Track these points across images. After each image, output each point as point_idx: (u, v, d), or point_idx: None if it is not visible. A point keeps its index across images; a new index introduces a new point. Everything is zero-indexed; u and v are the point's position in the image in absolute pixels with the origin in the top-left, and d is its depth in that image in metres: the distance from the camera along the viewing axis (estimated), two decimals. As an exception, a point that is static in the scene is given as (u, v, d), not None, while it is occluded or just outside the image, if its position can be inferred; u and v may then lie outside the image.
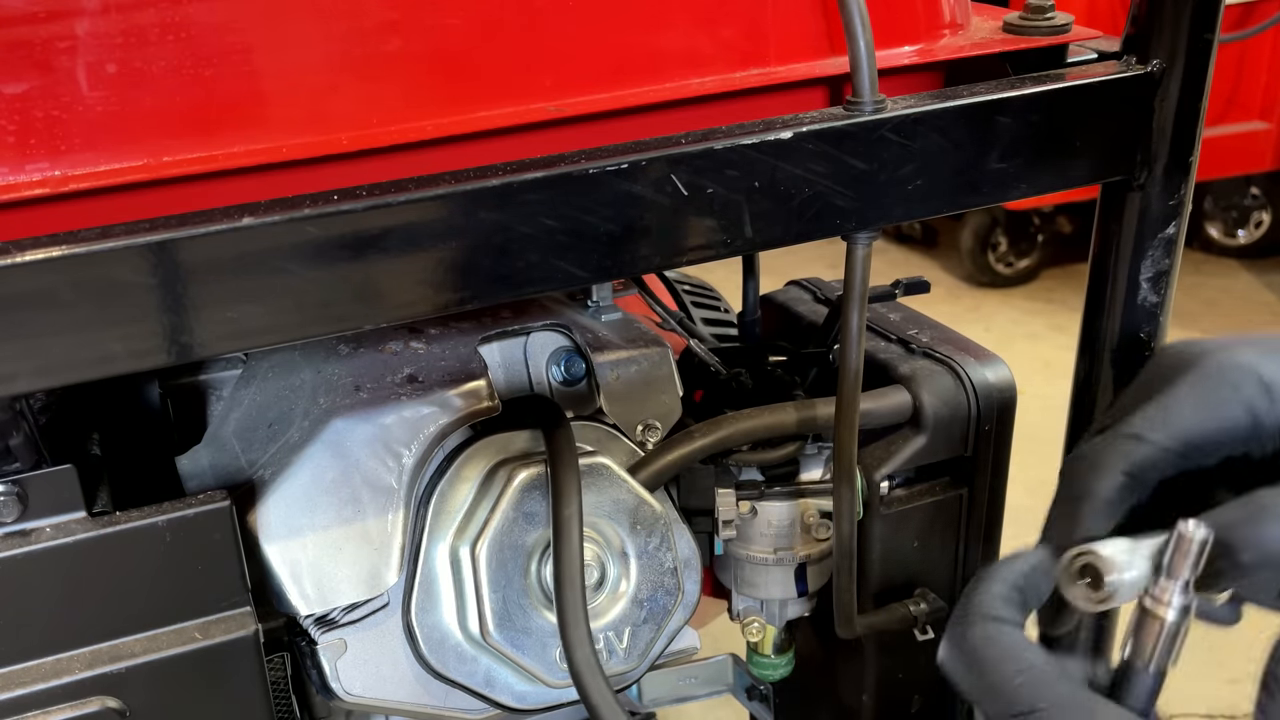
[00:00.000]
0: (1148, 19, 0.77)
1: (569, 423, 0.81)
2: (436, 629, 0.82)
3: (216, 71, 0.62)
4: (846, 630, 0.93)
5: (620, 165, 0.65)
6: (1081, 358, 0.90)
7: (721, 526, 0.93)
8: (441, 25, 0.66)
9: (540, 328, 0.86)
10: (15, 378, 0.57)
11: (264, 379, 0.81)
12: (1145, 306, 0.83)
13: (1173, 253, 0.82)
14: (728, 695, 1.09)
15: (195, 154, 0.62)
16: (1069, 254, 3.86)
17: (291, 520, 0.76)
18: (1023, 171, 0.76)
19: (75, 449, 0.70)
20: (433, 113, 0.66)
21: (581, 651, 0.77)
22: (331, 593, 0.77)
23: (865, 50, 0.70)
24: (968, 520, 0.97)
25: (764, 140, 0.68)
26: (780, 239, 0.71)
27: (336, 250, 0.61)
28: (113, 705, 0.68)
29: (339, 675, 0.80)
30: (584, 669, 0.77)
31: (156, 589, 0.69)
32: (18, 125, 0.59)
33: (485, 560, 0.80)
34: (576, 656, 0.77)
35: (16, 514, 0.66)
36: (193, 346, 0.60)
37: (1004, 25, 0.82)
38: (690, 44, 0.72)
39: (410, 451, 0.78)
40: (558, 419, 0.81)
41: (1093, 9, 3.12)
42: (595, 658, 0.77)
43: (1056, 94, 0.75)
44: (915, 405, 0.91)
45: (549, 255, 0.65)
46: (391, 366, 0.81)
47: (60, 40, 0.59)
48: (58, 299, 0.56)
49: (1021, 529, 2.01)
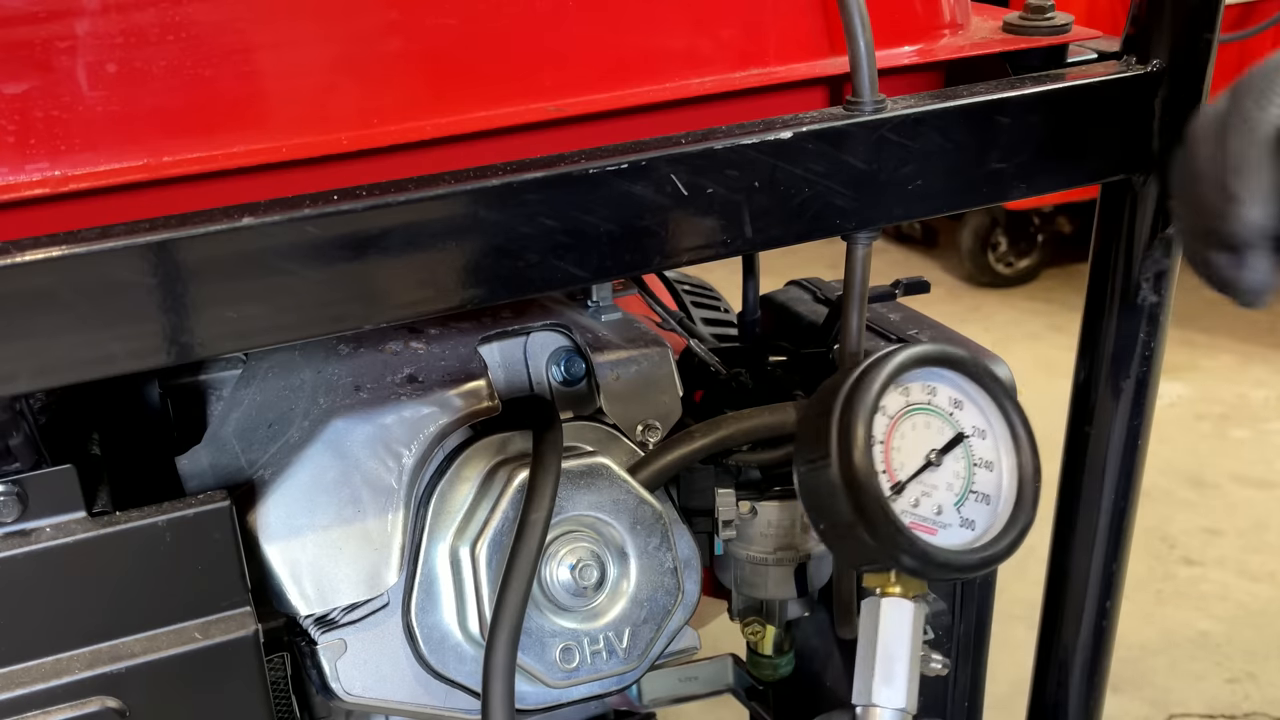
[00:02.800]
0: (1148, 19, 0.77)
1: (560, 425, 0.81)
2: (436, 629, 0.82)
3: (216, 71, 0.62)
4: (846, 630, 0.93)
5: (620, 165, 0.65)
6: (1081, 358, 0.90)
7: (721, 526, 0.93)
8: (441, 25, 0.66)
9: (540, 328, 0.86)
10: (15, 378, 0.57)
11: (264, 379, 0.81)
12: (1145, 306, 0.83)
13: (1172, 253, 0.82)
14: (728, 695, 1.09)
15: (195, 154, 0.62)
16: (1069, 254, 3.87)
17: (291, 520, 0.76)
18: (1022, 171, 0.76)
19: (75, 449, 0.70)
20: (433, 113, 0.66)
21: (501, 655, 0.74)
22: (331, 593, 0.77)
23: (865, 50, 0.70)
24: (968, 520, 0.97)
25: (764, 140, 0.68)
26: (780, 239, 0.71)
27: (336, 250, 0.61)
28: (112, 705, 0.68)
29: (339, 675, 0.80)
30: (496, 672, 0.74)
31: (156, 589, 0.69)
32: (18, 125, 0.59)
33: (485, 560, 0.80)
34: (494, 659, 0.74)
35: (16, 514, 0.66)
36: (193, 346, 0.60)
37: (1004, 25, 0.82)
38: (690, 44, 0.72)
39: (410, 451, 0.78)
40: (550, 421, 0.81)
41: (1093, 9, 3.12)
42: (511, 666, 0.74)
43: (1056, 94, 0.75)
44: (915, 405, 0.91)
45: (549, 255, 0.65)
46: (391, 366, 0.81)
47: (60, 40, 0.59)
48: (58, 299, 0.56)
49: (1021, 529, 1.94)
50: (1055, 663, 0.98)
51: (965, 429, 0.71)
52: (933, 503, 0.70)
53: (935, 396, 0.71)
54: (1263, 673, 2.31)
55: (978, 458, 0.71)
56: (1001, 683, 1.16)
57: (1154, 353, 0.85)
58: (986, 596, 1.01)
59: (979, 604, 1.01)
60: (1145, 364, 0.85)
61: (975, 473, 0.71)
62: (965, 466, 0.70)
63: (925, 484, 0.70)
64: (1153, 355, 0.85)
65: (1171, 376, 3.25)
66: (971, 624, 1.02)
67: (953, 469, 0.70)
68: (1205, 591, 2.53)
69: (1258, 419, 3.20)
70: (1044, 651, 0.99)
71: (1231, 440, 3.11)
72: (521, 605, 0.75)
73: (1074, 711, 0.98)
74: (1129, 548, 0.94)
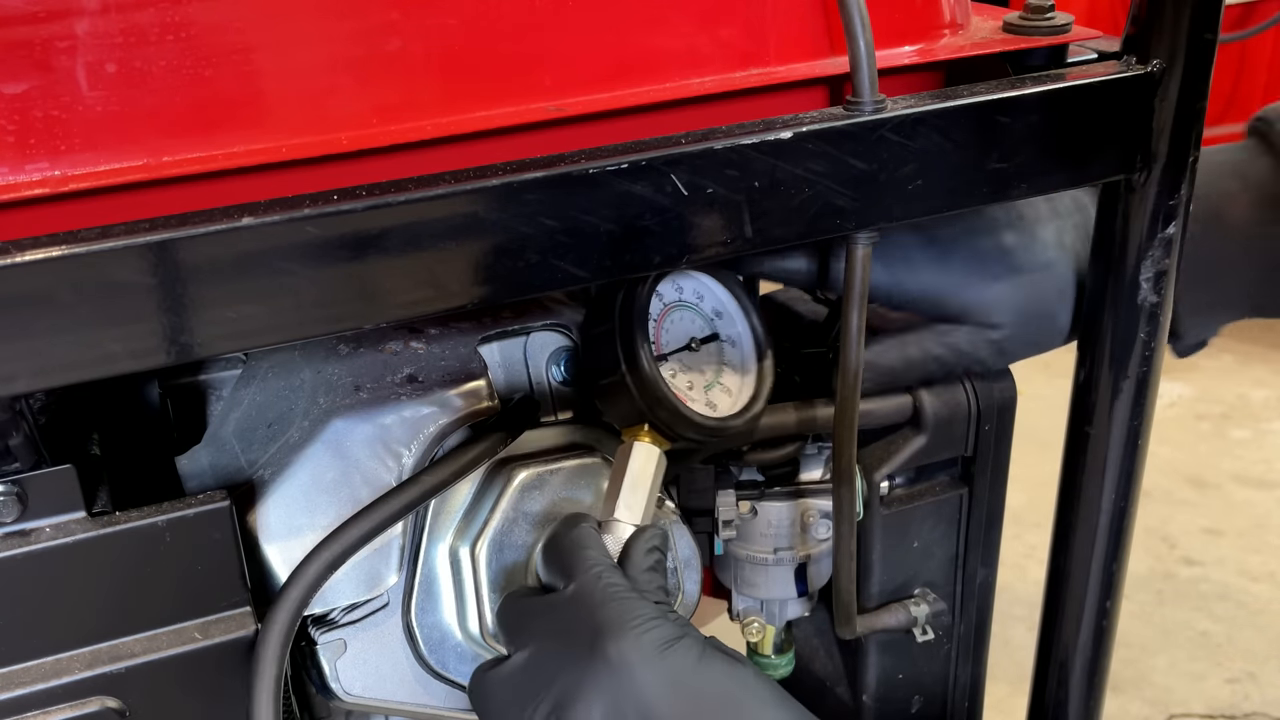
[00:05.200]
0: (1148, 19, 0.77)
1: (515, 432, 0.80)
2: (436, 629, 0.82)
3: (216, 71, 0.62)
4: (846, 630, 0.93)
5: (620, 165, 0.65)
6: (1081, 358, 0.90)
7: (721, 526, 0.93)
8: (441, 25, 0.66)
9: (540, 328, 0.86)
10: (15, 378, 0.57)
11: (264, 379, 0.81)
12: (1145, 306, 0.83)
13: (1172, 253, 0.82)
14: (728, 695, 1.09)
15: (195, 154, 0.62)
16: (1069, 254, 3.86)
17: (291, 520, 0.76)
18: (1022, 171, 0.76)
19: (75, 449, 0.70)
20: (433, 113, 0.66)
21: (270, 647, 0.71)
22: (331, 593, 0.77)
23: (865, 50, 0.70)
24: (968, 520, 0.97)
25: (764, 140, 0.68)
26: (780, 239, 0.71)
27: (336, 250, 0.61)
28: (112, 705, 0.68)
29: (339, 675, 0.80)
30: (263, 659, 0.70)
31: (156, 589, 0.69)
32: (18, 125, 0.59)
33: (485, 560, 0.80)
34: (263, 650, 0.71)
35: (16, 514, 0.66)
36: (193, 346, 0.60)
37: (1004, 25, 0.82)
38: (690, 44, 0.72)
39: (410, 451, 0.78)
40: (517, 420, 0.81)
41: (1093, 9, 3.13)
42: (283, 654, 0.71)
43: (1056, 94, 0.75)
44: (915, 405, 0.92)
45: (549, 255, 0.65)
46: (391, 366, 0.81)
47: (60, 40, 0.59)
48: (58, 299, 0.56)
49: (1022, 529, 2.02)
50: (1055, 663, 0.98)
51: (721, 334, 0.85)
52: (686, 379, 0.83)
53: (702, 302, 0.85)
54: (1263, 673, 2.31)
55: (728, 358, 0.86)
56: (1001, 683, 1.16)
57: (1154, 353, 0.85)
58: (986, 596, 1.02)
59: (979, 604, 1.01)
60: (1145, 364, 0.85)
61: (723, 370, 0.85)
62: (717, 362, 0.85)
63: (683, 363, 0.84)
64: (1153, 355, 0.85)
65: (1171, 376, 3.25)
66: (971, 624, 1.02)
67: (706, 360, 0.85)
68: (1205, 591, 2.53)
69: (1258, 419, 3.20)
70: (1044, 651, 0.99)
71: (1231, 440, 3.11)
72: (303, 598, 0.72)
73: (1074, 711, 0.98)
74: (1129, 548, 0.94)
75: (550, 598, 0.72)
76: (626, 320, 0.79)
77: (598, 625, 0.67)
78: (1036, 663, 1.01)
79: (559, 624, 0.70)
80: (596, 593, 0.69)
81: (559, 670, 0.68)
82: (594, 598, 0.69)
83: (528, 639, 0.71)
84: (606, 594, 0.69)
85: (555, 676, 0.67)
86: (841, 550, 0.88)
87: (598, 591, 0.69)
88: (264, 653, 0.70)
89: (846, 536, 0.87)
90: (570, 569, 0.72)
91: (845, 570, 0.89)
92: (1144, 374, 0.86)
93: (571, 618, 0.69)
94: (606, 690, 0.65)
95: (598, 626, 0.67)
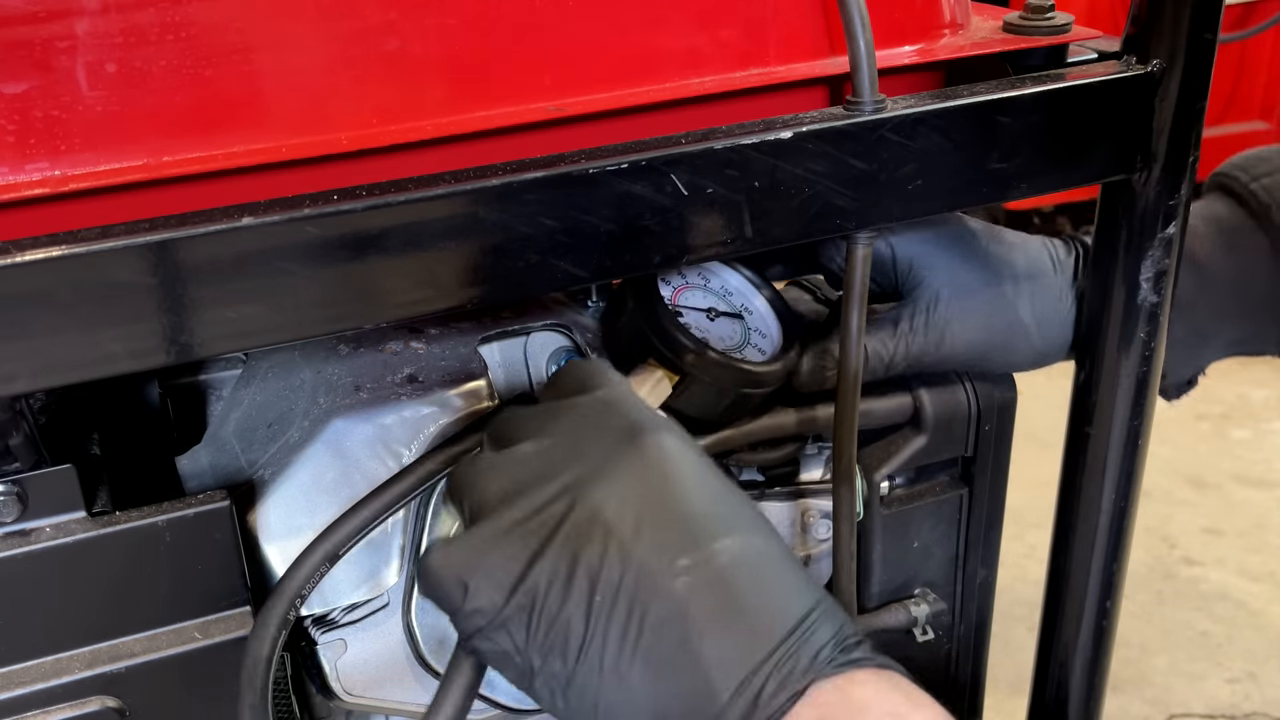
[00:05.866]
0: (1148, 19, 0.77)
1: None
2: (436, 629, 0.82)
3: (216, 71, 0.62)
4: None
5: (620, 165, 0.65)
6: (1081, 358, 0.90)
7: (721, 526, 0.93)
8: (441, 25, 0.66)
9: (540, 328, 0.86)
10: (15, 378, 0.57)
11: (264, 379, 0.81)
12: (1145, 306, 0.83)
13: (1172, 253, 0.82)
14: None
15: (195, 154, 0.62)
16: (1069, 254, 3.86)
17: (291, 520, 0.76)
18: (1022, 171, 0.76)
19: (75, 449, 0.70)
20: (433, 113, 0.66)
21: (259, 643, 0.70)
22: (331, 593, 0.77)
23: (865, 50, 0.70)
24: (968, 520, 0.97)
25: (764, 140, 0.68)
26: (780, 239, 0.71)
27: (336, 250, 0.61)
28: (112, 705, 0.68)
29: (339, 675, 0.80)
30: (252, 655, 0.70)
31: (156, 589, 0.69)
32: (18, 125, 0.59)
33: (485, 560, 0.80)
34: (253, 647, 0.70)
35: (16, 514, 0.66)
36: (193, 346, 0.60)
37: (1004, 25, 0.82)
38: (690, 44, 0.72)
39: (410, 451, 0.78)
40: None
41: (1093, 9, 3.13)
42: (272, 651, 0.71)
43: (1056, 94, 0.75)
44: (915, 405, 0.91)
45: (549, 255, 0.65)
46: (391, 366, 0.81)
47: (60, 40, 0.59)
48: (58, 299, 0.56)
49: (1022, 529, 2.02)
50: (1055, 663, 0.98)
51: (741, 312, 0.87)
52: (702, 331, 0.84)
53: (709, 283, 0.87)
54: (1263, 673, 2.31)
55: (751, 324, 0.87)
56: (1001, 683, 1.16)
57: (1154, 353, 0.85)
58: (986, 596, 1.02)
59: (979, 604, 1.01)
60: (1145, 364, 0.85)
61: (750, 333, 0.87)
62: (742, 334, 0.86)
63: (700, 327, 0.84)
64: (1153, 355, 0.85)
65: (1171, 376, 3.24)
66: (971, 624, 1.02)
67: (730, 329, 0.86)
68: (1205, 591, 2.53)
69: (1258, 419, 3.20)
70: (1044, 651, 0.99)
71: (1231, 440, 3.11)
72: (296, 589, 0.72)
73: (1074, 711, 0.98)
74: (1129, 548, 0.94)
75: (571, 400, 0.68)
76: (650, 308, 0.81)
77: (634, 421, 0.65)
78: (1036, 663, 1.01)
79: (585, 418, 0.67)
80: (630, 398, 0.68)
81: (582, 453, 0.64)
82: (628, 400, 0.68)
83: (537, 434, 0.67)
84: (640, 402, 0.68)
85: (576, 459, 0.64)
86: (841, 550, 0.88)
87: (631, 397, 0.68)
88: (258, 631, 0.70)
89: (846, 536, 0.87)
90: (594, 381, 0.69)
91: (845, 570, 0.89)
92: (1144, 374, 0.86)
93: (601, 412, 0.67)
94: (638, 470, 0.63)
95: (635, 422, 0.65)
